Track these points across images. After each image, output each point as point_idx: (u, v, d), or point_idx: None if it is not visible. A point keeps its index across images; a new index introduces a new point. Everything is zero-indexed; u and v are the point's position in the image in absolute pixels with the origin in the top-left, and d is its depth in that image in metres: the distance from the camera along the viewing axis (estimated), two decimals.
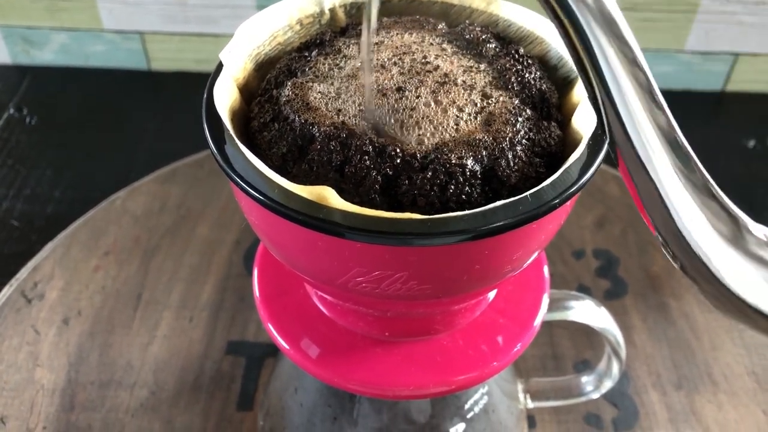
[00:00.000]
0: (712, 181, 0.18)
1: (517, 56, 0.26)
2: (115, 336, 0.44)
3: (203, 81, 0.25)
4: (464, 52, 0.26)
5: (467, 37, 0.27)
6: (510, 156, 0.22)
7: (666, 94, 0.64)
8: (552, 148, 0.23)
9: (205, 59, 0.65)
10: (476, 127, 0.23)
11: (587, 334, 0.44)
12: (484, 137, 0.22)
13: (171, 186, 0.53)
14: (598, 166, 0.22)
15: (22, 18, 0.63)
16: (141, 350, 0.43)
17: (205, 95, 0.24)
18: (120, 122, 0.61)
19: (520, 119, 0.23)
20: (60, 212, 0.52)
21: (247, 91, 0.26)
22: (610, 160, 0.20)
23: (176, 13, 0.61)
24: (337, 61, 0.25)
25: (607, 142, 0.23)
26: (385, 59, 0.25)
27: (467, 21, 0.28)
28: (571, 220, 0.51)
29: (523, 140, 0.23)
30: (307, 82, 0.24)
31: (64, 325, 0.44)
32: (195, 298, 0.46)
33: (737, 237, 0.18)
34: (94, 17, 0.62)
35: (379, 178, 0.21)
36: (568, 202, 0.22)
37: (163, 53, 0.64)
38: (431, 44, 0.26)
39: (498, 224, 0.20)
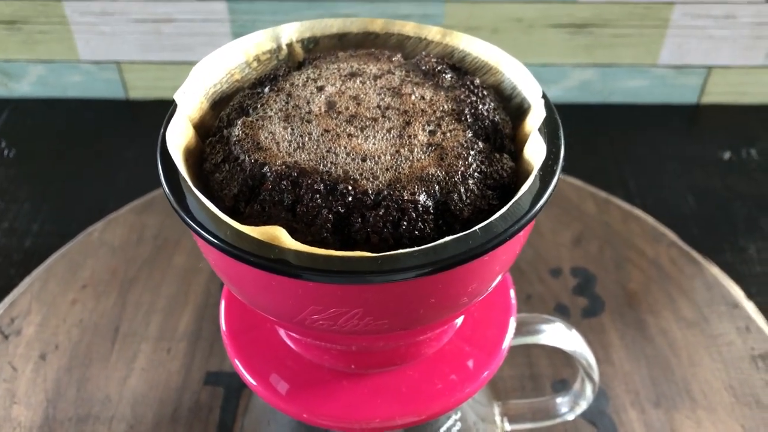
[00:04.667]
0: None
1: (472, 87, 0.26)
2: (92, 370, 0.43)
3: None
4: (420, 83, 0.26)
5: (423, 68, 0.27)
6: (462, 190, 0.22)
7: (642, 108, 0.65)
8: (504, 180, 0.23)
9: None
10: (429, 162, 0.23)
11: (564, 353, 0.44)
12: (436, 172, 0.23)
13: (148, 216, 0.53)
14: (549, 197, 0.23)
15: None
16: (119, 384, 0.43)
17: (159, 137, 0.24)
18: (99, 151, 0.61)
19: (472, 152, 0.23)
20: (39, 245, 0.52)
21: (204, 129, 0.26)
22: (584, 176, 0.19)
23: (152, 42, 0.62)
24: (289, 98, 0.25)
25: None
26: (339, 94, 0.25)
27: (423, 53, 0.28)
28: (548, 238, 0.51)
29: (476, 173, 0.23)
30: (257, 120, 0.24)
31: (41, 360, 0.44)
32: (173, 329, 0.46)
33: None
34: (70, 48, 0.63)
35: (331, 216, 0.22)
36: (521, 233, 0.22)
37: (141, 82, 0.65)
38: (387, 76, 0.26)
39: (448, 259, 0.21)
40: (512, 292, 0.31)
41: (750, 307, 0.46)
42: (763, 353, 0.44)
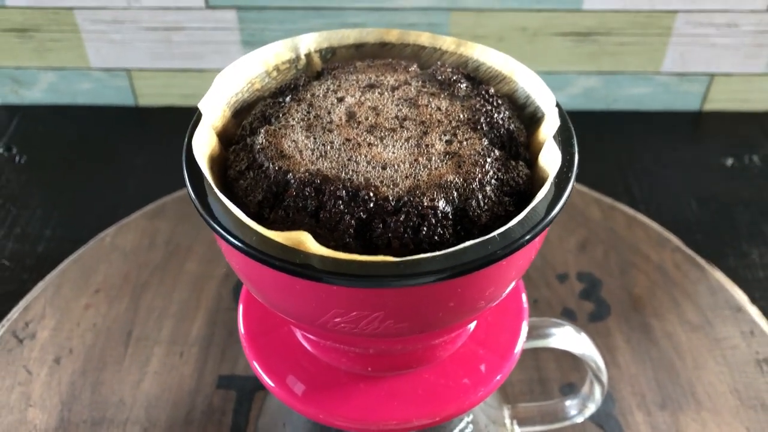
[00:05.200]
0: None
1: (487, 96, 0.27)
2: (106, 373, 0.44)
3: (190, 115, 0.26)
4: (436, 93, 0.27)
5: (439, 78, 0.28)
6: (480, 196, 0.23)
7: (645, 114, 0.66)
8: (520, 187, 0.24)
9: (191, 94, 0.66)
10: (447, 170, 0.24)
11: (572, 357, 0.44)
12: (454, 179, 0.23)
13: (159, 221, 0.53)
14: (565, 203, 0.23)
15: (11, 59, 0.64)
16: (132, 387, 0.43)
17: (184, 145, 0.25)
18: (109, 158, 0.62)
19: (488, 160, 0.24)
20: (51, 251, 0.53)
21: (226, 137, 0.27)
22: (589, 183, 0.20)
23: (162, 50, 0.63)
24: (311, 108, 0.26)
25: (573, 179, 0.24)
26: (359, 105, 0.26)
27: (438, 62, 0.29)
28: (554, 244, 0.52)
29: (492, 180, 0.24)
30: (280, 129, 0.25)
31: (55, 364, 0.44)
32: (185, 334, 0.46)
33: None
34: (81, 56, 0.63)
35: (353, 222, 0.22)
36: (537, 239, 0.23)
37: (150, 89, 0.65)
38: (404, 87, 0.27)
39: (468, 264, 0.21)
40: (524, 297, 0.32)
41: (754, 311, 0.47)
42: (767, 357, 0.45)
